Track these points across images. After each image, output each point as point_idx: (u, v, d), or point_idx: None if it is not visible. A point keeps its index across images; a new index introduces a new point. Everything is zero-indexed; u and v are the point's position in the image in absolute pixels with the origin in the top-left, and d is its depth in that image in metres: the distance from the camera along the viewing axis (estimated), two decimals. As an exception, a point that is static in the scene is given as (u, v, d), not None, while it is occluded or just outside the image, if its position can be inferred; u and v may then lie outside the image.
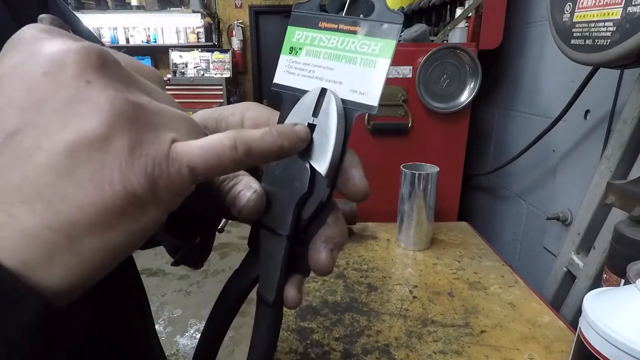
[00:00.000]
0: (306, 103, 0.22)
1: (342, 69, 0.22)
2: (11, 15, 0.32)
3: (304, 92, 0.22)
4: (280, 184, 0.22)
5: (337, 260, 0.89)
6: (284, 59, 0.23)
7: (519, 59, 1.12)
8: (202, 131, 0.19)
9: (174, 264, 0.35)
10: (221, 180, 0.21)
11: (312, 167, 0.21)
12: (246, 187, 0.21)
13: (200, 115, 0.26)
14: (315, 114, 0.21)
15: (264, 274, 0.22)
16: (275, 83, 0.23)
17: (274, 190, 0.22)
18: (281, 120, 0.23)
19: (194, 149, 0.16)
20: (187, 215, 0.30)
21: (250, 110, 0.25)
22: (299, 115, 0.22)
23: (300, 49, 0.23)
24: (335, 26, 0.22)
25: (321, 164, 0.21)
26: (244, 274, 0.23)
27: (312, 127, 0.21)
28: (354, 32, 0.22)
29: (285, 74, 0.23)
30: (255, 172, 0.23)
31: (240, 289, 0.23)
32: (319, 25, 0.23)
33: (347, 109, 0.21)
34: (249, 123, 0.25)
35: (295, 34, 0.24)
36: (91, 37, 0.42)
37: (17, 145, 0.13)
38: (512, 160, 1.08)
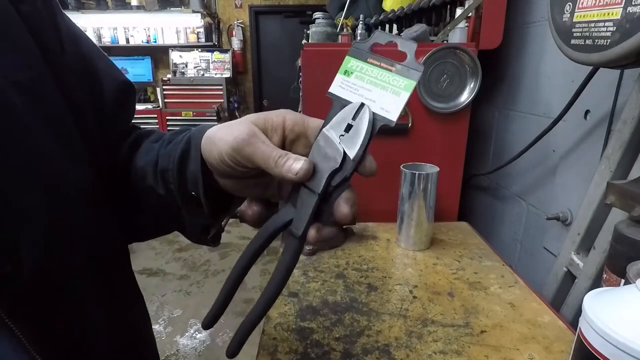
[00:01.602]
0: (349, 109, 0.32)
1: (377, 92, 0.32)
2: (17, 9, 0.32)
3: (348, 102, 0.33)
4: (321, 159, 0.32)
5: (337, 261, 0.90)
6: (339, 77, 0.34)
7: (519, 59, 1.12)
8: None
9: (200, 241, 0.44)
10: (278, 156, 0.32)
11: (345, 152, 0.31)
12: (297, 159, 0.31)
13: (252, 117, 0.35)
14: (354, 118, 0.32)
15: (297, 217, 0.32)
16: (330, 92, 0.34)
17: (317, 161, 0.32)
18: (330, 117, 0.33)
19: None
20: (222, 197, 0.39)
21: (289, 114, 0.35)
22: (344, 116, 0.32)
23: (352, 73, 0.33)
24: (379, 63, 0.33)
25: (352, 151, 0.31)
26: (281, 216, 0.33)
27: (350, 126, 0.32)
28: (390, 70, 0.32)
29: (338, 88, 0.34)
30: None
31: (276, 224, 0.33)
32: (368, 60, 0.33)
33: (376, 120, 0.32)
34: (289, 124, 0.34)
35: (350, 62, 0.34)
36: (98, 54, 0.43)
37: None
38: (512, 160, 1.08)
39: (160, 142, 0.41)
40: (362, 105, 0.32)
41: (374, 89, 0.32)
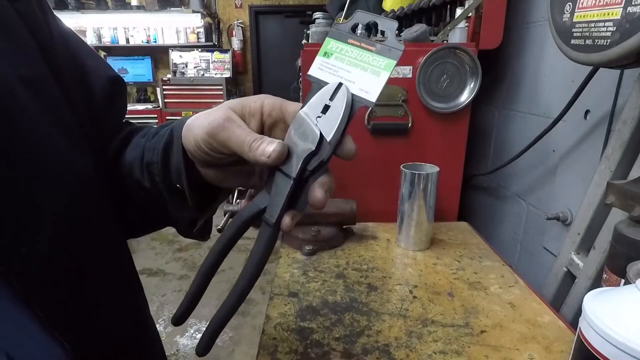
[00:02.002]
0: (326, 90, 0.31)
1: (357, 73, 0.31)
2: (13, 8, 0.32)
3: (327, 83, 0.32)
4: (296, 141, 0.31)
5: (337, 261, 0.89)
6: (318, 59, 0.33)
7: (519, 59, 1.12)
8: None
9: (188, 235, 0.44)
10: (252, 140, 0.31)
11: (321, 134, 0.30)
12: (271, 142, 0.31)
13: (230, 102, 0.34)
14: (331, 98, 0.31)
15: (272, 204, 0.31)
16: (309, 74, 0.33)
17: (292, 144, 0.31)
18: (308, 99, 0.32)
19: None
20: (206, 189, 0.39)
21: (267, 99, 0.34)
22: (321, 97, 0.31)
23: (332, 54, 0.32)
24: (359, 44, 0.32)
25: (329, 133, 0.30)
26: (255, 203, 0.32)
27: (327, 107, 0.31)
28: (370, 50, 0.31)
29: (317, 70, 0.33)
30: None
31: (250, 212, 0.32)
32: (348, 41, 0.32)
33: (355, 101, 0.31)
34: (267, 108, 0.34)
35: (330, 43, 0.33)
36: (86, 52, 0.43)
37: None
38: (512, 160, 1.08)
39: (147, 136, 0.41)
40: (340, 85, 0.31)
41: (354, 70, 0.31)
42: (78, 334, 0.32)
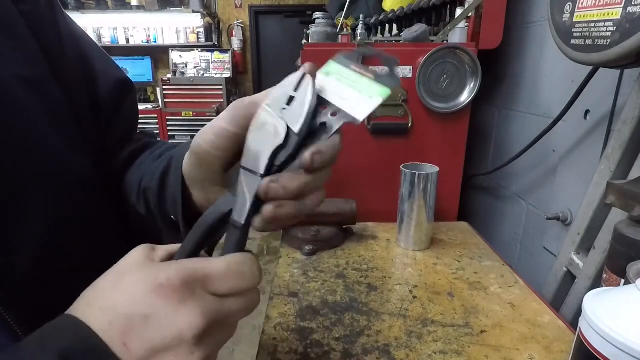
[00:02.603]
0: (291, 80, 0.30)
1: (351, 93, 0.30)
2: (18, 10, 0.33)
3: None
4: (262, 136, 0.29)
5: (337, 261, 0.89)
6: (319, 76, 0.32)
7: (519, 59, 1.12)
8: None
9: None
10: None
11: (288, 127, 0.28)
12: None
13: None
14: (296, 89, 0.29)
15: (239, 204, 0.29)
16: None
17: (257, 139, 0.29)
18: (272, 92, 0.30)
19: None
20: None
21: (237, 106, 0.32)
22: (285, 88, 0.29)
23: (332, 75, 0.32)
24: (359, 71, 0.32)
25: (295, 125, 0.28)
26: (218, 207, 0.30)
27: (292, 98, 0.29)
28: (369, 77, 0.31)
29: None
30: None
31: (214, 217, 0.30)
32: (350, 66, 0.32)
33: (340, 114, 0.29)
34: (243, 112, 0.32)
35: (332, 65, 0.33)
36: (96, 53, 0.43)
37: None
38: (512, 160, 1.08)
39: (151, 157, 0.41)
40: (304, 75, 0.30)
41: (349, 91, 0.31)
42: None
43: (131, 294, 0.24)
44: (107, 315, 0.24)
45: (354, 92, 0.30)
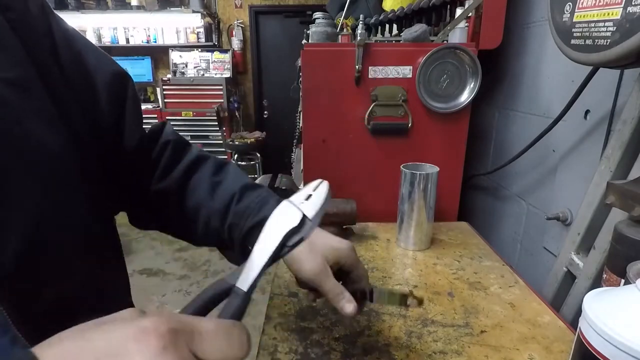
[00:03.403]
0: (312, 185, 0.38)
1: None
2: (4, 17, 0.34)
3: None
4: (278, 217, 0.34)
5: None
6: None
7: (519, 59, 1.12)
8: None
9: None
10: (336, 294, 0.50)
11: (304, 214, 0.34)
12: (349, 302, 0.49)
13: (325, 250, 0.51)
14: (315, 189, 0.37)
15: (244, 275, 0.31)
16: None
17: (273, 220, 0.34)
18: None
19: None
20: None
21: (349, 254, 0.54)
22: (306, 190, 0.37)
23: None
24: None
25: (310, 212, 0.34)
26: (227, 280, 0.31)
27: (309, 195, 0.36)
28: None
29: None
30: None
31: (221, 286, 0.31)
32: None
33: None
34: (347, 261, 0.53)
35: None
36: (89, 49, 0.44)
37: None
38: (512, 160, 1.08)
39: (230, 196, 0.50)
40: (322, 181, 0.37)
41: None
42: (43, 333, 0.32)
43: (109, 334, 0.22)
44: (73, 349, 0.21)
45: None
